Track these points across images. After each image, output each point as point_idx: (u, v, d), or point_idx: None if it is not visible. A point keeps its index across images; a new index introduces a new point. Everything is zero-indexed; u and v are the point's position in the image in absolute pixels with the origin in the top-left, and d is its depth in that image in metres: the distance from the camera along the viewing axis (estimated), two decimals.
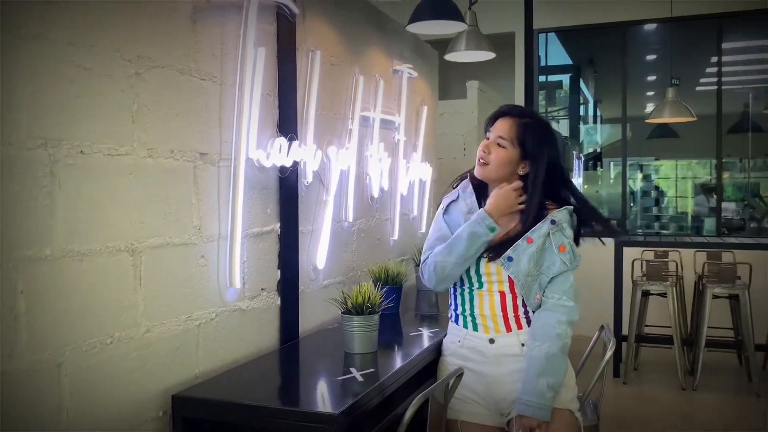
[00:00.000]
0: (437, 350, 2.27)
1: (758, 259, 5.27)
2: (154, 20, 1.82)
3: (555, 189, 2.08)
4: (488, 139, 2.08)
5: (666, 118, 5.72)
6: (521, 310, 2.06)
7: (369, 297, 2.21)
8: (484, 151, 2.07)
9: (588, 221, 2.11)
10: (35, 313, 1.47)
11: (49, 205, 1.50)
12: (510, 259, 2.02)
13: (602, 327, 2.64)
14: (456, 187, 2.22)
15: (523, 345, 2.04)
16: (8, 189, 1.41)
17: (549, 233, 2.02)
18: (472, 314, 2.10)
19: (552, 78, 10.26)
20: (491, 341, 2.07)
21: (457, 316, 2.16)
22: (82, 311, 1.60)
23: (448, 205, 2.18)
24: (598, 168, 11.07)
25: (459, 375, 1.96)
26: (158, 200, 1.84)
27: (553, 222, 2.02)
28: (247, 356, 2.22)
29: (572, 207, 2.08)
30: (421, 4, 3.01)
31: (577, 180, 9.96)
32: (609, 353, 2.32)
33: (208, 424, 1.83)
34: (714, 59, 6.72)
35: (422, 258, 2.21)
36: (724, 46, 6.70)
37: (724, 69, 6.67)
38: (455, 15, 3.05)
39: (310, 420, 1.69)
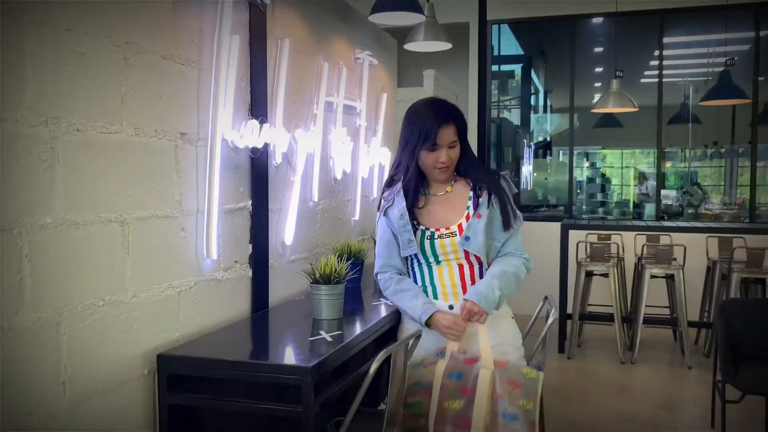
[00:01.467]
0: (396, 317, 2.48)
1: (692, 242, 5.65)
2: (140, 8, 1.97)
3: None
4: (435, 149, 2.22)
5: (610, 108, 6.03)
6: (477, 275, 2.29)
7: (335, 269, 2.40)
8: (446, 160, 2.24)
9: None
10: (38, 276, 1.62)
11: (49, 178, 1.65)
12: (467, 238, 2.25)
13: (546, 297, 2.89)
14: (384, 193, 2.42)
15: None
16: (14, 162, 1.55)
17: (491, 203, 2.26)
18: (432, 284, 2.31)
19: (505, 68, 10.56)
20: (450, 307, 2.28)
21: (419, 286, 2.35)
22: (77, 275, 1.75)
23: (386, 210, 2.36)
24: (548, 156, 11.46)
25: (418, 336, 2.18)
26: (144, 176, 1.99)
27: (489, 192, 2.27)
28: (222, 322, 2.40)
29: (501, 173, 2.36)
30: None
31: (527, 167, 10.31)
32: (551, 319, 2.56)
33: (190, 380, 2.01)
34: (656, 53, 7.08)
35: (376, 269, 2.41)
36: (666, 40, 7.07)
37: (665, 62, 7.04)
38: (414, 7, 3.25)
39: (285, 372, 1.89)
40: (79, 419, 1.75)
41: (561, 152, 11.93)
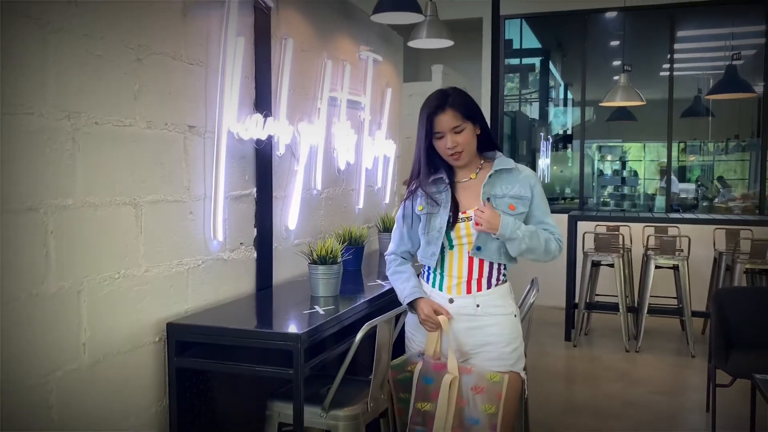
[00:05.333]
0: (391, 295, 2.68)
1: (697, 233, 5.74)
2: (151, 14, 2.20)
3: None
4: (441, 137, 2.23)
5: (618, 102, 6.14)
6: (485, 271, 2.30)
7: (331, 250, 2.63)
8: (453, 145, 2.22)
9: None
10: (61, 250, 1.87)
11: (71, 165, 1.89)
12: (479, 248, 2.28)
13: (532, 280, 3.06)
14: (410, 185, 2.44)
15: (478, 306, 2.28)
16: (40, 151, 1.80)
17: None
18: (441, 273, 2.33)
19: (525, 61, 10.63)
20: (450, 301, 2.31)
21: (428, 275, 2.38)
22: (96, 250, 2.00)
23: (407, 199, 2.41)
24: (568, 149, 11.51)
25: (404, 313, 2.40)
26: (155, 164, 2.23)
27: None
28: (228, 298, 2.64)
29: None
30: None
31: (545, 161, 10.38)
32: (532, 298, 2.75)
33: (197, 346, 2.26)
34: (668, 46, 7.15)
35: (387, 252, 2.50)
36: (680, 33, 7.13)
37: (680, 56, 7.10)
38: (414, 7, 3.45)
39: (279, 339, 2.13)
40: (98, 376, 2.00)
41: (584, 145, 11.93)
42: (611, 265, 5.58)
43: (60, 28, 1.85)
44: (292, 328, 2.25)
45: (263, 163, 2.85)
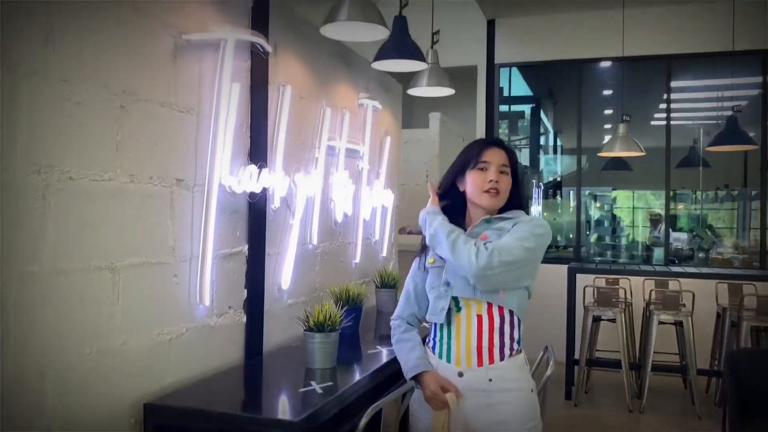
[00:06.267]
0: (394, 366, 2.44)
1: (701, 288, 5.56)
2: (140, 57, 2.00)
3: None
4: (485, 169, 2.09)
5: (617, 152, 6.02)
6: (497, 337, 2.06)
7: (330, 316, 2.38)
8: (496, 180, 2.07)
9: None
10: (23, 323, 1.62)
11: (40, 226, 1.66)
12: (447, 283, 2.09)
13: (546, 347, 2.84)
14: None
15: (491, 380, 2.04)
16: (4, 211, 1.56)
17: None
18: (449, 341, 2.10)
19: (514, 108, 10.62)
20: (460, 374, 2.06)
21: (434, 344, 2.15)
22: (65, 323, 1.74)
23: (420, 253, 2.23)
24: (558, 197, 11.43)
25: (411, 389, 2.14)
26: (137, 222, 2.00)
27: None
28: (213, 369, 2.37)
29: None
30: (386, 44, 3.22)
31: (537, 208, 10.27)
32: (549, 371, 2.51)
33: (177, 431, 1.98)
34: (664, 96, 7.10)
35: (393, 317, 2.27)
36: (674, 84, 7.09)
37: (674, 106, 7.05)
38: (417, 54, 3.27)
39: (272, 426, 1.86)
40: None
41: (571, 192, 11.91)
42: (612, 320, 5.38)
43: (34, 72, 1.63)
44: (286, 413, 2.00)
45: (257, 217, 2.62)
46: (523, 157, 11.02)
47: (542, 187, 10.78)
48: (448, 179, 2.19)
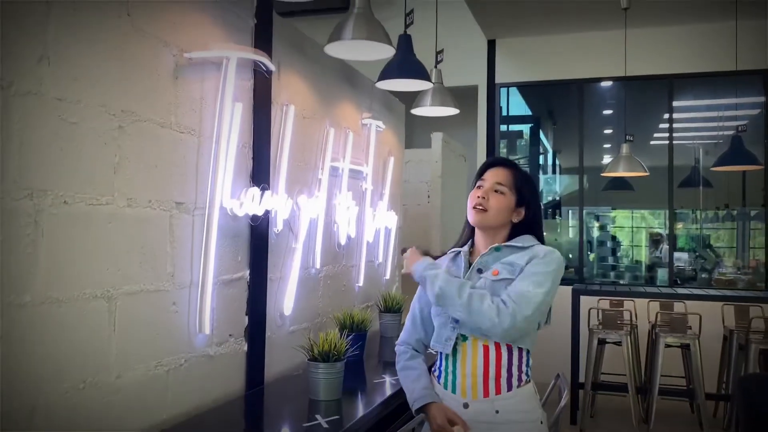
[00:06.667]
0: (401, 396, 2.33)
1: (708, 310, 5.47)
2: (139, 76, 1.91)
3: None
4: (481, 187, 2.04)
5: (620, 173, 5.95)
6: (504, 368, 1.96)
7: (335, 345, 2.28)
8: (482, 197, 2.01)
9: None
10: (13, 357, 1.51)
11: (31, 254, 1.56)
12: (456, 320, 2.00)
13: (558, 375, 2.74)
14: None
15: (497, 412, 1.94)
16: None
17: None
18: (454, 371, 2.00)
19: (513, 128, 10.58)
20: (465, 406, 1.97)
21: (440, 373, 2.06)
22: (57, 356, 1.64)
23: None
24: (557, 217, 11.35)
25: (421, 422, 2.03)
26: (135, 248, 1.90)
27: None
28: (213, 401, 2.26)
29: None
30: (390, 63, 3.15)
31: None
32: (563, 401, 2.40)
33: None
34: (666, 116, 7.06)
35: (398, 342, 2.18)
36: (676, 103, 7.06)
37: (676, 125, 7.01)
38: (421, 74, 3.21)
39: None
40: None
41: (571, 212, 11.84)
42: (618, 343, 5.27)
43: (27, 91, 1.55)
44: None
45: (259, 241, 2.52)
46: None
47: (542, 207, 10.70)
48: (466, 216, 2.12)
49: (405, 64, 3.17)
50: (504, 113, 8.27)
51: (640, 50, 6.37)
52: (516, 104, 9.63)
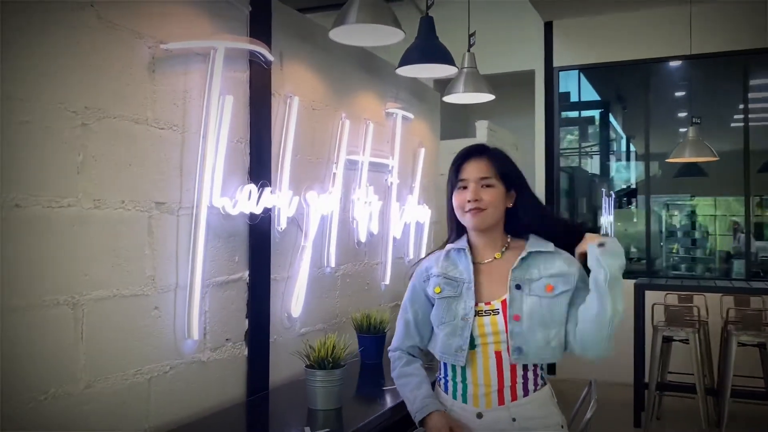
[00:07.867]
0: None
1: None
2: (107, 71, 1.82)
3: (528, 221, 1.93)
4: (466, 188, 1.86)
5: (686, 158, 5.53)
6: (519, 375, 1.82)
7: (332, 350, 2.13)
8: (474, 198, 1.84)
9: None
10: None
11: None
12: (519, 350, 1.81)
13: (590, 383, 2.50)
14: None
15: (514, 420, 1.80)
16: None
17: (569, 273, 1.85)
18: (464, 381, 1.86)
19: (584, 113, 10.13)
20: (479, 416, 1.82)
21: (446, 381, 1.91)
22: (16, 367, 1.56)
23: (416, 279, 2.01)
24: (632, 205, 10.79)
25: None
26: (106, 252, 1.81)
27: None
28: (207, 409, 2.16)
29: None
30: (411, 48, 2.97)
31: (607, 218, 9.70)
32: (589, 413, 2.17)
33: None
34: (741, 96, 6.54)
35: (390, 348, 2.04)
36: (752, 82, 6.52)
37: (752, 106, 6.47)
38: (445, 58, 2.99)
39: None
40: None
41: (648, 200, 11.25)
42: (685, 341, 4.91)
43: None
44: None
45: (259, 240, 2.41)
46: (594, 165, 10.49)
47: (613, 196, 10.21)
48: (449, 214, 1.96)
49: (426, 48, 2.97)
50: (574, 99, 7.90)
51: (707, 26, 5.90)
52: (588, 89, 9.20)
